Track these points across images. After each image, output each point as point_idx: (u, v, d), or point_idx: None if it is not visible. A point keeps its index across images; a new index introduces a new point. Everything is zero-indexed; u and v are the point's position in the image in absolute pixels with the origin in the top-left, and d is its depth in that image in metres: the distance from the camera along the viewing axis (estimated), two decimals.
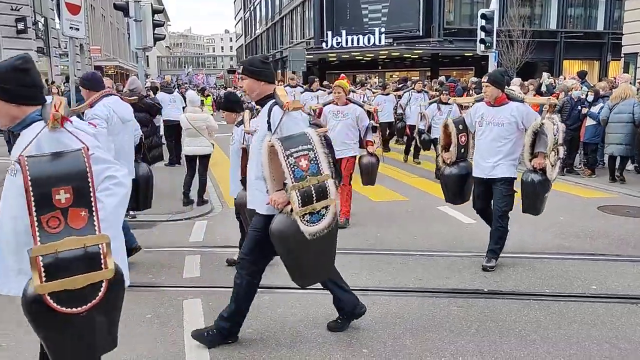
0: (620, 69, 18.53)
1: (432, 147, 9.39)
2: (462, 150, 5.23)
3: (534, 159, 4.84)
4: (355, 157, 6.64)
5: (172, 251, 5.74)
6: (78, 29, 8.15)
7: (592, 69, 33.68)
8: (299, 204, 3.00)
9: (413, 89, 12.17)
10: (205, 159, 7.67)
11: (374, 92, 14.42)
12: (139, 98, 8.07)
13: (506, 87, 5.26)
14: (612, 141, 8.88)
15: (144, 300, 4.42)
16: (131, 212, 7.04)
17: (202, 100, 26.51)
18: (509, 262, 5.23)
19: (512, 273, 4.94)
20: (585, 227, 6.41)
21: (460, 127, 5.20)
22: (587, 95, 9.75)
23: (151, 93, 10.79)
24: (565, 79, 12.62)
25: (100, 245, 1.98)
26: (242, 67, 3.34)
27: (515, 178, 4.99)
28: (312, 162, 3.02)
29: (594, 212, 7.17)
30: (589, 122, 9.52)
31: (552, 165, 4.79)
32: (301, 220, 3.05)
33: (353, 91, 15.11)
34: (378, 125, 6.87)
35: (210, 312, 4.15)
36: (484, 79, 5.76)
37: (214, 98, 26.49)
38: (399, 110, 12.38)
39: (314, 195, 3.04)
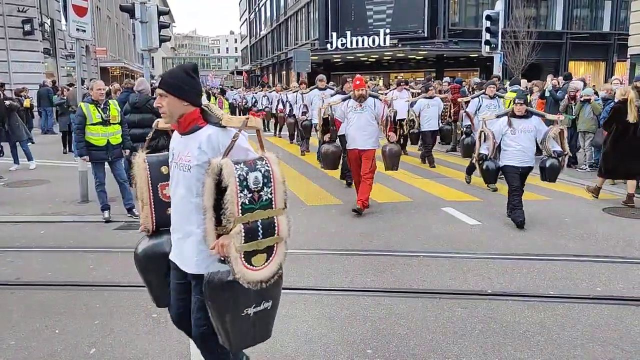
0: (627, 70, 18.45)
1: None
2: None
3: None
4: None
5: None
6: (84, 31, 8.20)
7: (598, 70, 33.58)
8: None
9: (484, 93, 9.58)
10: None
11: (413, 94, 12.69)
12: (146, 99, 8.14)
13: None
14: None
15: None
16: (136, 212, 7.10)
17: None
18: (514, 263, 5.23)
19: (516, 274, 4.95)
20: (590, 229, 6.40)
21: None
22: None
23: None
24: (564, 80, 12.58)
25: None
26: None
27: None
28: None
29: (599, 214, 7.16)
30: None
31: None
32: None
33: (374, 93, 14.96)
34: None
35: None
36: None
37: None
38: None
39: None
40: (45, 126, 18.45)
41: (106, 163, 7.07)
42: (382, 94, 13.91)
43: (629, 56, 17.86)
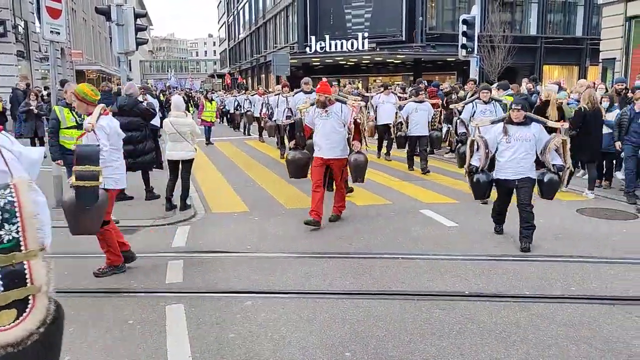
0: (599, 74, 18.87)
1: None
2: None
3: None
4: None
5: (155, 256, 5.70)
6: (59, 33, 8.06)
7: (572, 73, 34.27)
8: None
9: (478, 98, 9.20)
10: (188, 163, 7.64)
11: (400, 98, 12.30)
12: (134, 103, 8.07)
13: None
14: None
15: (125, 306, 4.39)
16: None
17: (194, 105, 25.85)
18: (490, 264, 5.30)
19: (493, 275, 5.01)
20: (564, 230, 6.52)
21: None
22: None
23: (148, 97, 10.71)
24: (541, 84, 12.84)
25: None
26: None
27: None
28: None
29: (573, 215, 7.29)
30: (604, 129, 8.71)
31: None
32: None
33: (362, 94, 14.83)
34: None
35: (194, 317, 4.14)
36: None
37: (195, 103, 26.41)
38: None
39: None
40: (19, 130, 18.06)
41: None
42: (370, 96, 13.88)
43: (600, 60, 18.27)
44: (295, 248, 5.94)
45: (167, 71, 71.44)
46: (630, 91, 9.70)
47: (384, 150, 12.60)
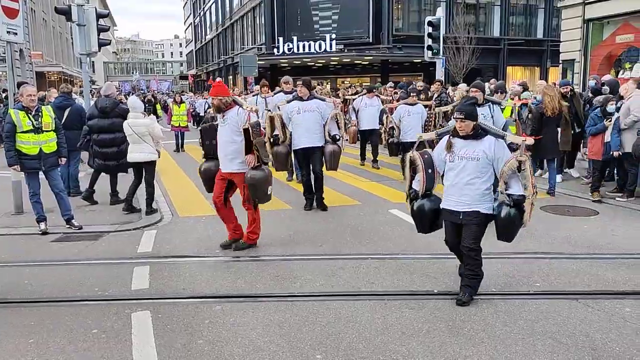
0: (559, 75, 19.39)
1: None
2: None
3: None
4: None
5: (120, 263, 5.56)
6: (16, 34, 7.80)
7: (533, 74, 35.18)
8: None
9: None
10: (150, 166, 7.49)
11: (384, 102, 11.69)
12: (115, 104, 7.91)
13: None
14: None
15: (89, 314, 4.27)
16: (76, 224, 6.81)
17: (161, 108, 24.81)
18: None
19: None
20: (529, 227, 6.57)
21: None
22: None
23: (124, 98, 10.51)
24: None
25: None
26: None
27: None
28: None
29: (536, 212, 7.42)
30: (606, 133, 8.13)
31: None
32: None
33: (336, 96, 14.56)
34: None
35: (160, 324, 4.05)
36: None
37: (162, 104, 25.75)
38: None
39: None
40: None
41: (41, 173, 6.74)
42: (351, 99, 13.51)
43: (561, 61, 18.78)
44: (264, 251, 5.88)
45: (132, 73, 70.04)
46: (590, 92, 9.95)
47: (369, 156, 11.73)
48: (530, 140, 4.39)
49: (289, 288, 4.79)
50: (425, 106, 10.25)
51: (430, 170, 4.45)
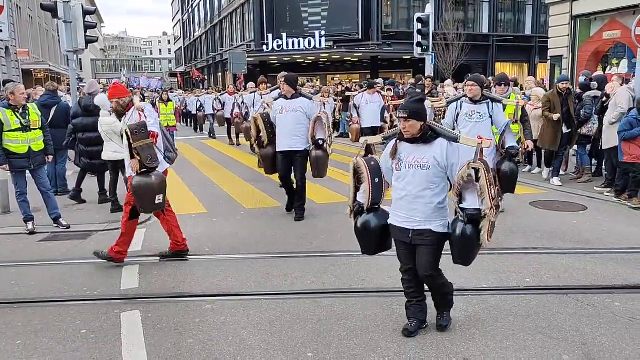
0: (547, 71, 19.53)
1: None
2: None
3: None
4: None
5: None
6: (1, 30, 7.71)
7: (522, 71, 35.40)
8: None
9: (465, 95, 6.49)
10: (117, 164, 7.36)
11: (392, 96, 11.27)
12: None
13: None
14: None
15: (78, 314, 4.22)
16: (64, 223, 6.74)
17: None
18: (448, 259, 5.35)
19: (450, 270, 5.05)
20: (519, 223, 6.69)
21: None
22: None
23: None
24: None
25: None
26: None
27: None
28: None
29: (526, 208, 7.50)
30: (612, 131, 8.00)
31: None
32: None
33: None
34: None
35: (150, 324, 4.02)
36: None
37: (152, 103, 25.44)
38: None
39: None
40: None
41: (27, 171, 6.65)
42: (351, 95, 13.25)
43: (549, 58, 18.91)
44: (255, 249, 5.86)
45: (121, 70, 69.42)
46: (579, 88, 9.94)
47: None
48: (486, 143, 3.44)
49: (279, 286, 4.77)
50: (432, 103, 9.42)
51: (377, 180, 3.72)
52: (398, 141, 3.62)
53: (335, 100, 14.40)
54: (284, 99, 6.94)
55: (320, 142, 6.82)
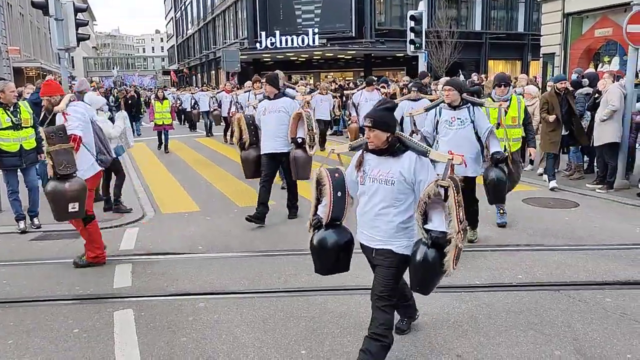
0: (540, 69, 19.60)
1: None
2: None
3: None
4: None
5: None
6: None
7: (515, 68, 35.51)
8: None
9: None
10: (116, 162, 7.31)
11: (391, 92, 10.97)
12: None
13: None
14: None
15: (70, 314, 4.20)
16: (36, 222, 6.66)
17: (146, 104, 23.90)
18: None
19: None
20: (511, 220, 6.71)
21: None
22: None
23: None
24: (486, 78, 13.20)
25: None
26: None
27: None
28: None
29: (519, 205, 7.53)
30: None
31: None
32: None
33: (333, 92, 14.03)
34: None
35: (143, 322, 4.00)
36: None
37: (145, 101, 25.29)
38: None
39: None
40: None
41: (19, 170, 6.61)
42: (350, 93, 13.13)
43: (541, 55, 18.97)
44: (248, 247, 5.85)
45: (113, 68, 69.00)
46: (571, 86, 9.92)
47: None
48: (457, 159, 3.09)
49: (273, 284, 4.77)
50: (431, 101, 8.71)
51: (340, 194, 3.37)
52: (364, 152, 3.26)
53: (334, 97, 14.36)
54: (267, 99, 6.75)
55: (300, 140, 6.58)
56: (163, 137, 14.47)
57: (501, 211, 6.48)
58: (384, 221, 3.18)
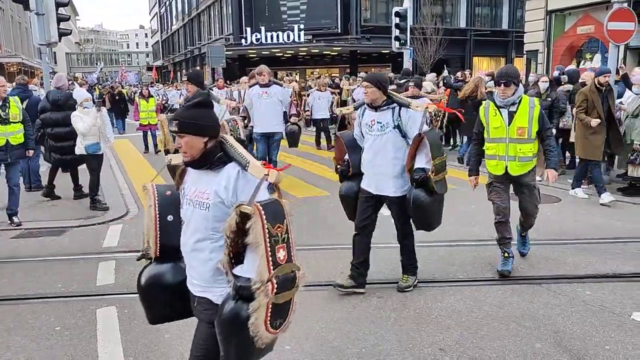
0: (523, 65, 19.78)
1: None
2: None
3: None
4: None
5: (84, 258, 5.44)
6: None
7: (499, 65, 35.78)
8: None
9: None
10: (89, 160, 7.25)
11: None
12: (68, 96, 7.61)
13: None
14: None
15: (52, 311, 4.16)
16: (16, 220, 6.56)
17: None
18: (426, 250, 5.43)
19: (427, 261, 5.13)
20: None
21: None
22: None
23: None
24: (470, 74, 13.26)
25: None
26: None
27: None
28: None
29: None
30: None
31: None
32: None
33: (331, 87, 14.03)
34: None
35: (126, 320, 3.98)
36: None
37: (130, 97, 24.97)
38: None
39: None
40: None
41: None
42: (350, 89, 13.00)
43: (525, 52, 19.15)
44: None
45: (97, 64, 68.13)
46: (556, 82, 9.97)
47: None
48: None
49: None
50: (432, 100, 8.50)
51: (171, 217, 2.53)
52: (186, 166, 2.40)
53: (332, 93, 14.26)
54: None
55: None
56: (150, 137, 13.44)
57: (505, 254, 4.88)
58: (200, 260, 2.32)
